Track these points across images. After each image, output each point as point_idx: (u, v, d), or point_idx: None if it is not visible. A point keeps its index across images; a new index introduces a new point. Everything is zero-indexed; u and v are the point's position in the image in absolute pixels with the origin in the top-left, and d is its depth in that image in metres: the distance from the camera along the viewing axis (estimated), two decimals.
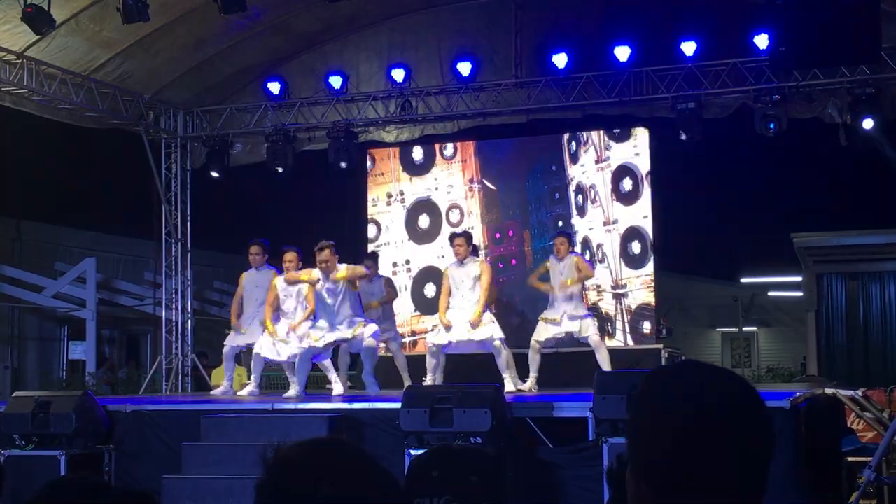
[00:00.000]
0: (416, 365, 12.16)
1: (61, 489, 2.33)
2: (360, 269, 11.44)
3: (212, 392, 13.11)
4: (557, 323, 11.69)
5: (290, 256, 11.96)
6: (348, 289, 11.21)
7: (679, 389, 1.68)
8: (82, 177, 19.55)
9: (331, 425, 9.45)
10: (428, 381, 11.42)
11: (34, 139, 17.08)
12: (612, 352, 12.00)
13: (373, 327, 11.34)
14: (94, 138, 16.45)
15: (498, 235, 15.35)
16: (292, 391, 11.54)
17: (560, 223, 14.91)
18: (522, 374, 11.70)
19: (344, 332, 11.17)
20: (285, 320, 11.98)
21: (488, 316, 11.51)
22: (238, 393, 12.54)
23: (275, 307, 12.03)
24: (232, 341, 12.58)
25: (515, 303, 14.82)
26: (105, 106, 14.90)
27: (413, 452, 8.69)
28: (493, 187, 15.40)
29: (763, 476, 1.66)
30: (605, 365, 11.33)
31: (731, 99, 14.23)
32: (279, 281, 12.01)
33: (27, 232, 19.54)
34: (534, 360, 11.75)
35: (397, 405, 9.23)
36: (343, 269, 11.15)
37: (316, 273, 11.20)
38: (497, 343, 11.35)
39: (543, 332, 11.80)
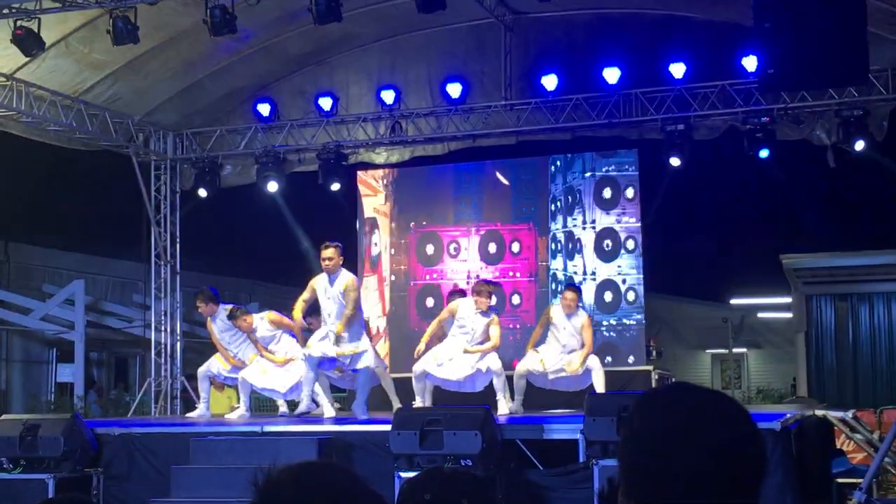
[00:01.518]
0: (405, 387, 12.13)
1: None
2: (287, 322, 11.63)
3: (187, 415, 13.18)
4: (549, 370, 11.72)
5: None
6: (342, 296, 11.14)
7: (671, 412, 1.68)
8: (71, 199, 19.53)
9: (320, 448, 9.42)
10: (417, 403, 11.40)
11: (23, 161, 17.06)
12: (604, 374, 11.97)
13: (369, 356, 11.28)
14: (84, 160, 16.44)
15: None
16: (302, 405, 11.51)
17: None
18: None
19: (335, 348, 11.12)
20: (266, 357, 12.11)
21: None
22: (227, 416, 12.52)
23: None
24: (207, 366, 12.70)
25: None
26: (94, 128, 14.89)
27: (403, 475, 8.67)
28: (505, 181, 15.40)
29: (755, 498, 1.66)
30: (600, 387, 11.31)
31: (719, 121, 14.28)
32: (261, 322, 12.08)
33: (15, 254, 19.50)
34: (519, 387, 11.72)
35: (387, 427, 9.21)
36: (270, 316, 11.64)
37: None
38: (495, 367, 11.35)
39: (533, 365, 11.75)
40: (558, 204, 15.04)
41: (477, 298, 11.47)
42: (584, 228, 14.85)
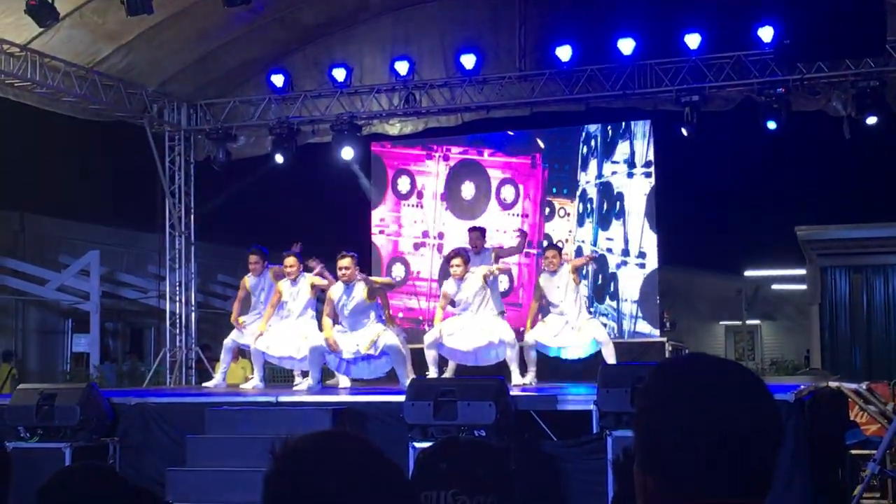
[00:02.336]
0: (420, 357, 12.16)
1: (72, 476, 2.33)
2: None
3: (203, 385, 13.23)
4: (559, 336, 11.72)
5: (290, 261, 11.98)
6: (362, 300, 11.24)
7: (687, 382, 1.68)
8: (86, 170, 19.57)
9: (335, 418, 9.45)
10: (431, 374, 11.42)
11: (38, 132, 17.09)
12: (617, 345, 11.99)
13: (388, 333, 11.35)
14: (98, 131, 16.46)
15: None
16: (304, 384, 11.61)
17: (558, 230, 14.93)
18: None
19: (360, 346, 11.24)
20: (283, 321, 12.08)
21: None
22: (241, 386, 12.57)
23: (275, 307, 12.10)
24: (233, 337, 12.69)
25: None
26: (108, 99, 14.90)
27: (417, 445, 8.69)
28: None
29: (770, 469, 1.67)
30: (611, 359, 11.33)
31: (734, 92, 14.21)
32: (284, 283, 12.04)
33: (31, 225, 19.56)
34: (531, 358, 11.74)
35: (401, 398, 9.24)
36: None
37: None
38: (508, 339, 11.36)
39: (544, 335, 11.77)
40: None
41: (454, 273, 11.53)
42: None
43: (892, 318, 17.38)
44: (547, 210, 15.11)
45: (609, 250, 14.72)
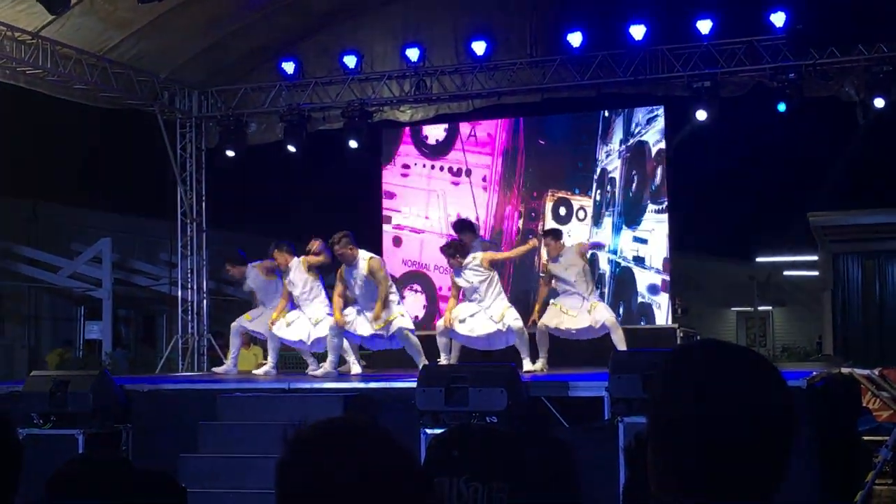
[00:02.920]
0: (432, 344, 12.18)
1: (84, 465, 2.34)
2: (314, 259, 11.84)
3: (214, 370, 13.32)
4: (572, 317, 11.72)
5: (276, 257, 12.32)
6: (368, 279, 11.34)
7: (701, 368, 1.68)
8: (98, 157, 19.59)
9: (346, 404, 9.47)
10: (442, 360, 11.44)
11: (49, 120, 17.11)
12: (626, 332, 11.99)
13: (404, 319, 11.45)
14: (109, 119, 16.46)
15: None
16: (320, 370, 11.72)
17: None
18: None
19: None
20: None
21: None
22: (254, 372, 12.63)
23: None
24: (240, 321, 12.84)
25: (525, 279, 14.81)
26: (120, 86, 14.90)
27: (429, 431, 8.71)
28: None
29: (786, 455, 1.66)
30: (621, 345, 11.33)
31: (746, 78, 14.16)
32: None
33: (43, 212, 19.61)
34: (543, 343, 11.75)
35: (412, 384, 9.25)
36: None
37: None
38: (516, 327, 11.38)
39: (555, 319, 11.78)
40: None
41: (452, 263, 11.58)
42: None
43: None
44: (562, 211, 15.06)
45: (638, 260, 14.62)
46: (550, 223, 14.88)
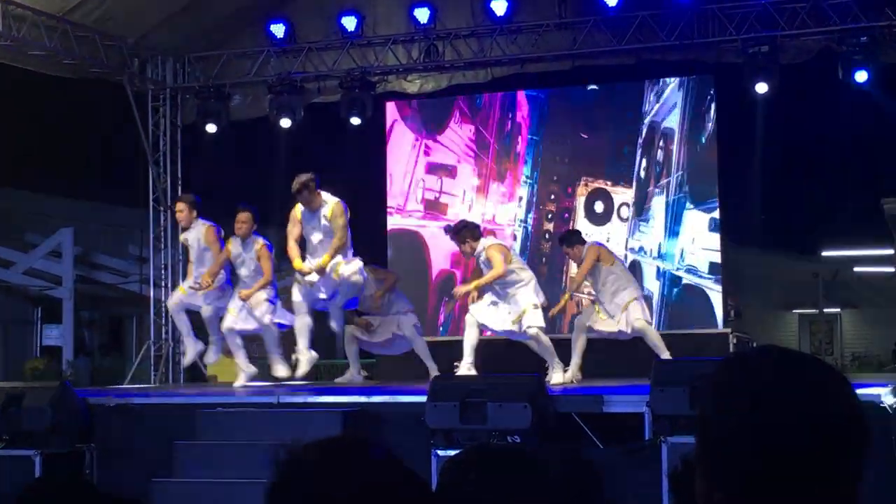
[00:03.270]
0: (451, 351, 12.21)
1: (41, 493, 2.35)
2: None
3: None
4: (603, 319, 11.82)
5: (243, 217, 12.40)
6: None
7: (759, 379, 1.67)
8: (57, 134, 19.61)
9: (346, 421, 9.50)
10: (464, 366, 11.43)
11: (0, 91, 17.15)
12: (671, 337, 11.99)
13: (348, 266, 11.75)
14: (71, 90, 16.49)
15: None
16: (301, 367, 11.89)
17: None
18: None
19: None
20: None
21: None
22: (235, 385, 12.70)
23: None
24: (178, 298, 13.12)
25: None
26: (83, 52, 14.93)
27: (441, 453, 8.72)
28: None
29: (855, 479, 1.66)
30: (662, 351, 11.31)
31: (811, 41, 14.13)
32: (234, 244, 12.30)
33: None
34: (577, 346, 11.80)
35: (422, 398, 9.26)
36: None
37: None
38: (532, 333, 11.41)
39: (593, 318, 11.85)
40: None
41: (462, 250, 11.72)
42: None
43: None
44: (599, 207, 15.06)
45: (689, 269, 14.65)
46: (582, 222, 14.90)
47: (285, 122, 15.89)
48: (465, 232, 11.83)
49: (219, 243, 12.56)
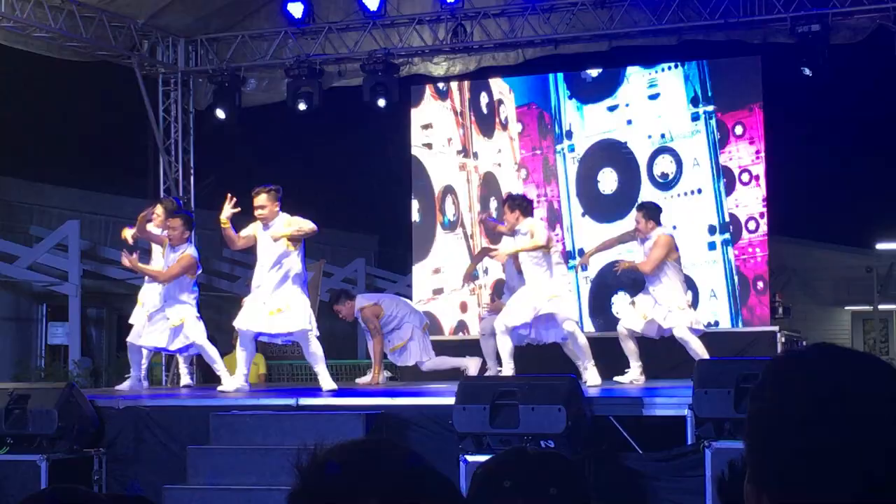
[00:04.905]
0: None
1: (48, 501, 2.35)
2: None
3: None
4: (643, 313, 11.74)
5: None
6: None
7: (816, 380, 1.66)
8: (63, 122, 19.73)
9: (368, 425, 9.50)
10: (505, 370, 11.43)
11: (4, 76, 17.24)
12: (716, 336, 11.95)
13: None
14: (77, 74, 16.58)
15: None
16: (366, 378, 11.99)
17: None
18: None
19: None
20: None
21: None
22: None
23: None
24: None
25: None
26: (90, 34, 14.98)
27: (470, 459, 8.72)
28: None
29: None
30: (700, 352, 11.19)
31: (865, 20, 14.06)
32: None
33: None
34: (630, 350, 11.76)
35: (450, 401, 9.26)
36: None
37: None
38: (569, 329, 11.39)
39: (632, 319, 11.78)
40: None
41: (509, 219, 11.65)
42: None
43: None
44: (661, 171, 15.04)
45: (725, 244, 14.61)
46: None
47: (304, 107, 15.90)
48: (523, 203, 11.78)
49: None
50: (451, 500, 1.77)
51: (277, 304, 11.30)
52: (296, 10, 15.81)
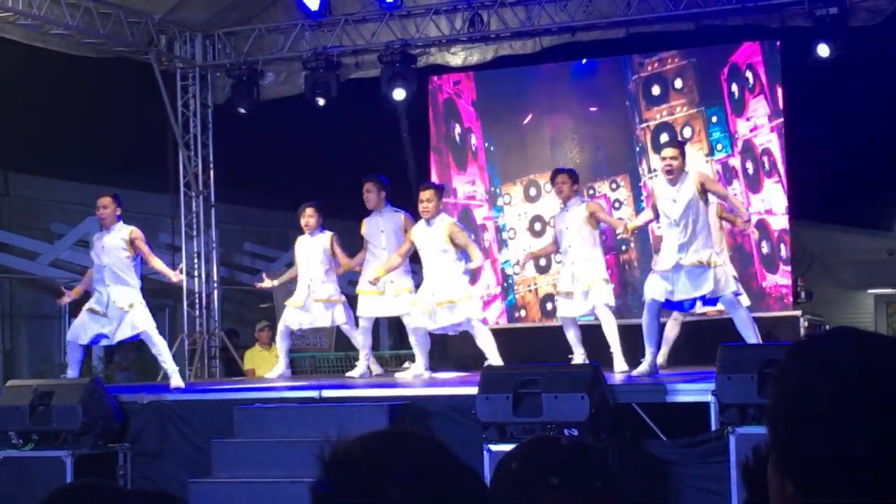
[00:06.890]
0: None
1: (69, 498, 2.36)
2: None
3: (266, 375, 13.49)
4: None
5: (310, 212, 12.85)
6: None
7: (835, 363, 1.66)
8: (81, 118, 19.73)
9: (392, 416, 9.51)
10: (576, 359, 11.43)
11: (22, 73, 17.25)
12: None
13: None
14: (95, 70, 16.58)
15: None
16: (411, 370, 12.14)
17: None
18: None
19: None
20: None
21: None
22: (266, 375, 12.90)
23: None
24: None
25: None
26: (107, 30, 15.00)
27: (493, 448, 8.73)
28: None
29: None
30: (751, 336, 10.60)
31: (883, 2, 13.98)
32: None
33: (16, 187, 19.80)
34: (671, 334, 11.77)
35: (473, 390, 9.26)
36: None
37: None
38: (604, 313, 11.40)
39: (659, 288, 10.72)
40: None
41: (563, 190, 11.76)
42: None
43: None
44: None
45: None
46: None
47: (322, 100, 15.89)
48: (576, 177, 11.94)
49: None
50: (475, 490, 1.77)
51: (447, 295, 11.55)
52: (312, 2, 15.79)
